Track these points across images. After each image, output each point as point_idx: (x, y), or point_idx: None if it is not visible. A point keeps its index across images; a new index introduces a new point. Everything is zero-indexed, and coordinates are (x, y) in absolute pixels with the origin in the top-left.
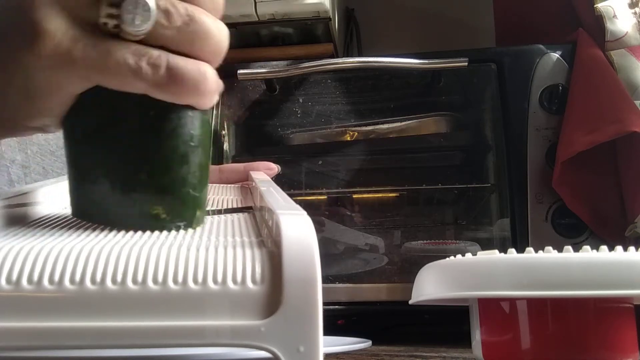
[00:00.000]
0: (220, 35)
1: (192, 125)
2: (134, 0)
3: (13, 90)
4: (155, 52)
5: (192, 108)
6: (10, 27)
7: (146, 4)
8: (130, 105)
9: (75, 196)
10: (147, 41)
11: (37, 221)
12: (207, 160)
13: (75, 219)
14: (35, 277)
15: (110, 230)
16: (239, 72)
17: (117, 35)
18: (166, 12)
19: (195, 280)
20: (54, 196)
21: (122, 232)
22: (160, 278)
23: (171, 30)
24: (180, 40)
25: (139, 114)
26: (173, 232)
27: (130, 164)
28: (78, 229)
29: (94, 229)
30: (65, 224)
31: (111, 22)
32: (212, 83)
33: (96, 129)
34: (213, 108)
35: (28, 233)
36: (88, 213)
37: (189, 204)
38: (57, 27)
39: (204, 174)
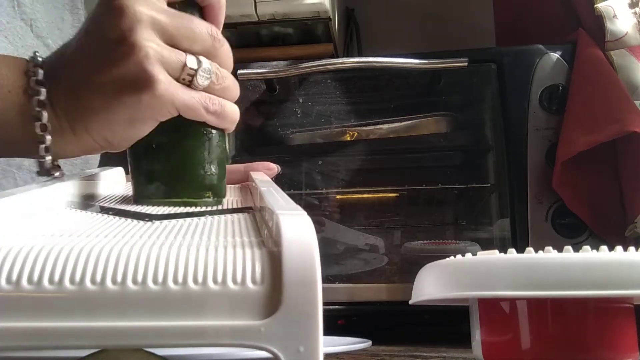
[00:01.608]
0: (236, 87)
1: (224, 140)
2: (203, 69)
3: (120, 118)
4: (212, 96)
5: (222, 130)
6: (129, 76)
7: (210, 71)
8: (191, 127)
9: (143, 189)
10: (204, 90)
11: (40, 220)
12: (225, 162)
13: (75, 218)
14: (35, 277)
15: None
16: (239, 72)
17: (189, 86)
18: (216, 75)
19: (195, 280)
20: (57, 196)
21: (122, 233)
22: (160, 278)
23: (217, 86)
24: (220, 91)
25: (197, 133)
26: (173, 233)
27: (192, 165)
28: (80, 228)
29: (95, 229)
30: (67, 224)
31: (188, 79)
32: (238, 115)
33: (167, 143)
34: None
35: (30, 232)
36: (149, 196)
37: (222, 189)
38: (164, 77)
39: (225, 171)
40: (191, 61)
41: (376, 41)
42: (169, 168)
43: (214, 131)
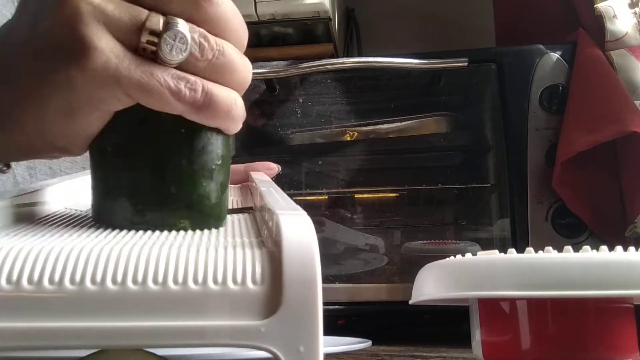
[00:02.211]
0: (245, 69)
1: (218, 145)
2: (173, 32)
3: (52, 106)
4: (191, 77)
5: (218, 130)
6: (56, 43)
7: (184, 37)
8: (162, 124)
9: (100, 206)
10: (181, 68)
11: (39, 221)
12: (228, 179)
13: (76, 218)
14: (35, 277)
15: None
16: None
17: (153, 60)
18: (200, 46)
19: (195, 281)
20: (56, 196)
21: (123, 233)
22: (160, 278)
23: (202, 62)
24: (210, 71)
25: (170, 132)
26: (173, 233)
27: (160, 179)
28: (79, 228)
29: (96, 229)
30: (67, 224)
31: (150, 48)
32: (240, 110)
33: (127, 146)
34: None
35: (29, 233)
36: (111, 223)
37: (212, 219)
38: (106, 44)
39: (226, 191)
40: (153, 21)
41: (376, 41)
42: (130, 181)
43: (200, 131)
